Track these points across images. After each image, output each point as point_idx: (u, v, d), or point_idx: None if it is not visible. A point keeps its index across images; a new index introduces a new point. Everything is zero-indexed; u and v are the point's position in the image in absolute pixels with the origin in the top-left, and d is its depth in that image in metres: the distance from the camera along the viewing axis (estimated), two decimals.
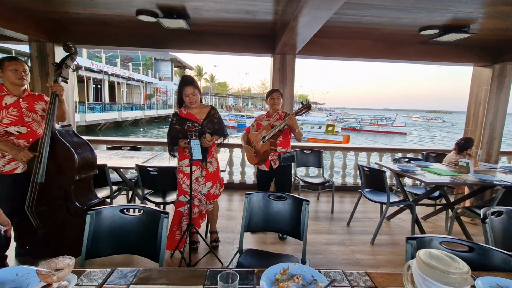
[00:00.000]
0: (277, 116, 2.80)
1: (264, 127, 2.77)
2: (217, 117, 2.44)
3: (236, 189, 4.48)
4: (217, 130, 2.41)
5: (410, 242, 1.35)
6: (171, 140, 2.39)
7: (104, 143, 4.35)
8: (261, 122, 2.87)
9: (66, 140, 2.11)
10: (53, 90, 2.03)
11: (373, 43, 3.77)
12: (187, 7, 2.75)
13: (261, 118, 2.91)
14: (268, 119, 2.84)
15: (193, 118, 2.37)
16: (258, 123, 2.90)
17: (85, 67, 19.29)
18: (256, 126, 2.91)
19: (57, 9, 2.99)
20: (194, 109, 2.39)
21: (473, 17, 2.75)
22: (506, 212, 1.75)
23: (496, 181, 2.75)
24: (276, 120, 2.77)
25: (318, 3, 1.94)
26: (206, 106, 2.46)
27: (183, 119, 2.37)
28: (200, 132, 2.33)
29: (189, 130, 2.31)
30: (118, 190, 3.14)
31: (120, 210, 1.53)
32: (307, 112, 2.59)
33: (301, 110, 2.57)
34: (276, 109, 2.81)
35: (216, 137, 2.41)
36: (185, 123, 2.35)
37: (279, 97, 2.80)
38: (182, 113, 2.40)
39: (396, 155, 4.62)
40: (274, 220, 1.85)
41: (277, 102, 2.78)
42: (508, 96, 3.98)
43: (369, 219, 3.49)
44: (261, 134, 2.75)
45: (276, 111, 2.82)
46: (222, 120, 2.49)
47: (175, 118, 2.39)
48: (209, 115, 2.40)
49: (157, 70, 33.91)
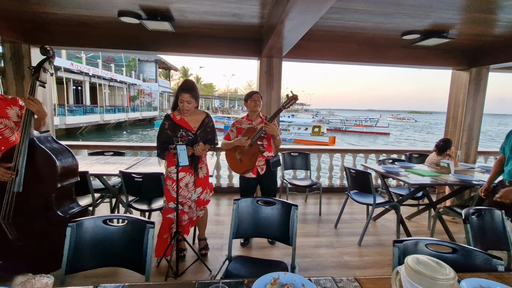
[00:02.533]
0: (259, 119, 2.71)
1: (247, 130, 2.63)
2: (210, 126, 2.39)
3: (224, 193, 4.44)
4: (209, 139, 2.38)
5: (397, 245, 1.38)
6: (161, 145, 2.31)
7: (85, 148, 4.19)
8: (241, 126, 2.71)
9: (46, 146, 2.01)
10: (27, 106, 1.85)
11: (358, 47, 3.84)
12: (171, 9, 2.70)
13: (241, 122, 2.74)
14: (250, 122, 2.71)
15: (186, 126, 2.31)
16: (238, 127, 2.72)
17: (64, 68, 18.59)
18: (236, 130, 2.72)
19: (33, 9, 2.85)
20: (188, 116, 2.33)
21: (452, 22, 2.86)
22: (485, 212, 1.82)
23: (475, 181, 2.85)
24: (259, 123, 2.68)
25: (304, 8, 1.95)
26: (201, 113, 2.40)
27: (177, 125, 2.30)
28: (193, 141, 2.28)
29: (182, 138, 2.26)
30: (101, 198, 3.02)
31: (103, 221, 1.47)
32: (294, 102, 2.50)
33: (288, 103, 2.50)
34: (257, 111, 2.71)
35: (208, 146, 2.37)
36: (178, 130, 2.29)
37: (259, 98, 2.69)
38: (175, 117, 2.32)
39: (380, 156, 4.73)
40: (263, 226, 1.84)
41: (258, 104, 2.68)
42: (484, 98, 4.16)
43: (356, 220, 3.55)
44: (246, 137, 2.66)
45: (257, 114, 2.73)
46: (215, 129, 2.45)
47: (168, 122, 2.31)
48: (203, 124, 2.35)
49: (141, 71, 33.19)
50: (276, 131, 2.54)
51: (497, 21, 2.81)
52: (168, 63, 36.44)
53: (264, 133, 2.57)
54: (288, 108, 2.57)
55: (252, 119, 2.73)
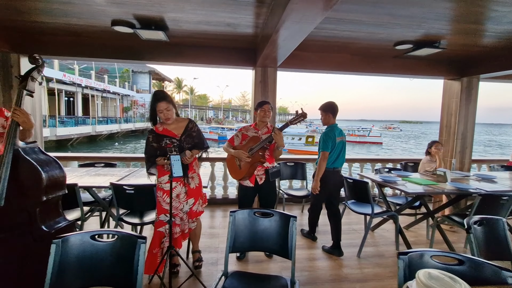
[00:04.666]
0: (266, 129, 2.69)
1: (251, 138, 2.63)
2: (195, 130, 2.34)
3: (219, 204, 4.33)
4: (196, 143, 2.32)
5: (402, 258, 1.32)
6: (148, 159, 2.27)
7: (75, 159, 4.07)
8: (247, 133, 2.70)
9: (31, 157, 1.91)
10: (12, 117, 1.77)
11: (351, 57, 3.88)
12: (166, 18, 2.68)
13: (248, 129, 2.74)
14: (256, 131, 2.68)
15: (170, 134, 2.25)
16: (243, 134, 2.72)
17: (56, 79, 18.41)
18: (241, 136, 2.72)
19: (21, 18, 2.80)
20: (170, 125, 2.28)
21: (443, 33, 2.91)
22: (487, 221, 1.79)
23: (472, 189, 2.84)
24: (264, 133, 2.65)
25: (299, 17, 1.95)
26: (183, 120, 2.35)
27: (160, 135, 2.24)
28: (179, 148, 2.22)
29: (167, 147, 2.20)
30: (90, 211, 2.90)
31: (90, 236, 1.38)
32: (302, 120, 2.49)
33: (297, 119, 2.49)
34: (266, 121, 2.69)
35: (196, 151, 2.31)
36: (162, 140, 2.23)
37: (270, 109, 2.68)
38: (158, 129, 2.27)
39: (376, 165, 4.72)
40: (261, 238, 1.76)
41: (268, 114, 2.66)
42: (476, 107, 4.22)
43: (354, 231, 3.48)
44: (248, 145, 2.61)
45: (265, 124, 2.72)
46: (201, 132, 2.39)
47: (151, 135, 2.26)
48: (187, 129, 2.30)
49: (135, 82, 33.15)
50: (283, 142, 2.53)
51: (485, 32, 2.87)
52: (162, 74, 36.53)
53: (268, 144, 2.56)
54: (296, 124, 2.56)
55: (259, 128, 2.71)
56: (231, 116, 63.31)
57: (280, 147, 2.54)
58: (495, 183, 3.20)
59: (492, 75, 3.89)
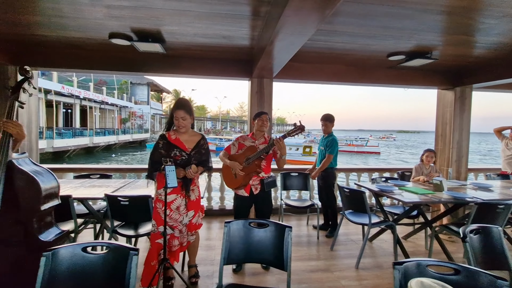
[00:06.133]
0: (263, 139, 2.70)
1: (248, 148, 2.63)
2: (205, 148, 2.35)
3: (215, 215, 4.28)
4: (203, 161, 2.32)
5: (397, 268, 1.31)
6: (152, 165, 2.23)
7: (71, 171, 4.04)
8: (244, 142, 2.71)
9: (26, 168, 1.90)
10: (4, 128, 1.76)
11: (346, 68, 3.95)
12: (162, 31, 2.73)
13: (245, 138, 2.75)
14: (253, 140, 2.69)
15: (181, 146, 2.25)
16: (240, 143, 2.72)
17: (54, 91, 18.49)
18: (238, 146, 2.73)
19: (21, 31, 2.84)
20: (183, 135, 2.28)
21: (435, 44, 2.98)
22: (483, 229, 1.78)
23: (469, 198, 2.84)
24: (261, 143, 2.66)
25: (292, 30, 1.99)
26: (197, 134, 2.37)
27: (171, 144, 2.24)
28: (187, 162, 2.22)
29: (175, 158, 2.20)
30: (84, 223, 2.85)
31: (82, 248, 1.35)
32: (300, 133, 2.50)
33: (294, 131, 2.49)
34: (263, 131, 2.72)
35: (201, 168, 2.31)
36: (173, 150, 2.23)
37: (267, 119, 2.71)
38: (171, 137, 2.27)
39: (373, 175, 4.71)
40: (256, 250, 1.74)
41: (266, 124, 2.70)
42: (470, 116, 4.27)
43: (352, 242, 3.44)
44: (245, 155, 2.61)
45: (262, 134, 2.73)
46: (209, 151, 2.41)
47: (162, 141, 2.25)
48: (198, 145, 2.31)
49: (133, 94, 33.33)
50: (285, 150, 2.53)
51: (476, 43, 2.94)
52: (160, 85, 36.81)
53: (264, 155, 2.56)
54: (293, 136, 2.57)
55: (256, 138, 2.72)
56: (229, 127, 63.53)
57: (283, 156, 2.55)
58: (491, 191, 3.20)
59: (484, 84, 3.96)
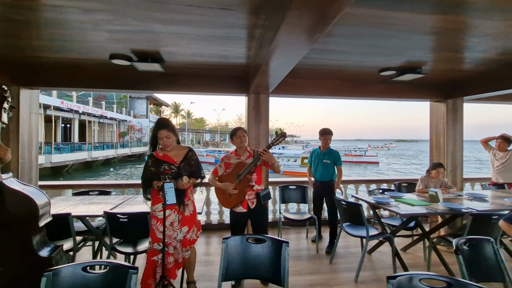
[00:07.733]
0: (247, 153, 2.73)
1: (237, 165, 2.65)
2: (194, 159, 2.41)
3: (214, 230, 4.28)
4: (194, 172, 2.38)
5: (391, 282, 1.34)
6: (145, 183, 2.32)
7: (70, 187, 4.06)
8: (229, 161, 2.73)
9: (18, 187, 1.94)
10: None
11: (340, 83, 4.06)
12: (161, 52, 2.84)
13: (229, 157, 2.77)
14: (238, 157, 2.72)
15: (169, 160, 2.33)
16: (226, 163, 2.74)
17: (54, 107, 18.62)
18: (225, 165, 2.74)
19: (24, 54, 2.94)
20: (171, 151, 2.35)
21: (424, 60, 3.09)
22: (476, 241, 1.82)
23: (464, 208, 2.87)
24: (247, 157, 2.70)
25: (285, 51, 2.09)
26: (183, 148, 2.44)
27: (159, 161, 2.31)
28: (177, 174, 2.27)
29: (165, 172, 2.26)
30: (83, 241, 2.86)
31: (82, 268, 1.38)
32: (283, 140, 2.57)
33: (277, 140, 2.56)
34: (244, 146, 2.75)
35: (193, 179, 2.36)
36: (161, 165, 2.29)
37: (244, 134, 2.75)
38: (158, 155, 2.35)
39: (370, 186, 4.75)
40: (254, 265, 1.77)
41: (244, 139, 2.73)
42: (463, 127, 4.36)
43: (351, 254, 3.44)
44: (234, 173, 2.64)
45: (245, 149, 2.77)
46: (199, 162, 2.47)
47: (151, 160, 2.33)
48: (186, 157, 2.38)
49: (132, 107, 33.59)
50: (274, 159, 2.58)
51: (464, 59, 3.06)
52: (159, 99, 37.14)
53: (254, 168, 2.60)
54: (277, 145, 2.63)
55: (240, 154, 2.75)
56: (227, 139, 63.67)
57: (275, 164, 2.59)
58: (486, 202, 3.24)
59: (474, 97, 4.06)
